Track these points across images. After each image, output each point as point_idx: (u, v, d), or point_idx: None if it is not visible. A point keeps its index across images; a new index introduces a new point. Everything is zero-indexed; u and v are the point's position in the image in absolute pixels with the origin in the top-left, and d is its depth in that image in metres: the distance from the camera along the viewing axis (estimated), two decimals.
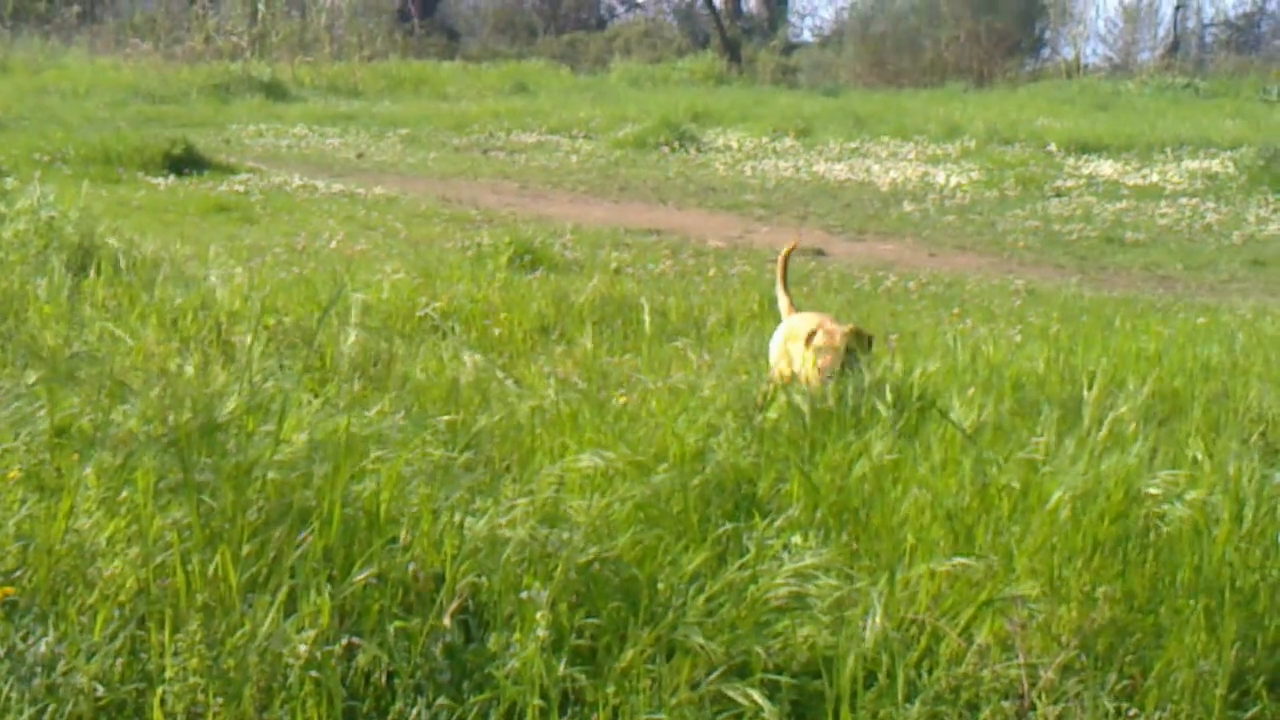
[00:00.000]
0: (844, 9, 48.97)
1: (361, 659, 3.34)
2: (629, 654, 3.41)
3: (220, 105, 27.39)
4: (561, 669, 3.35)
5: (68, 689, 3.21)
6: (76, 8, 39.83)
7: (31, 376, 4.92)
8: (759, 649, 3.48)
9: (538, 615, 3.41)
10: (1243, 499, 4.24)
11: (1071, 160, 22.30)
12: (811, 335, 5.65)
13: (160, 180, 16.42)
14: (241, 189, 16.15)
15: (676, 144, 23.80)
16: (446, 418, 4.94)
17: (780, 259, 6.63)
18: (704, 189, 19.17)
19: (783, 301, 6.41)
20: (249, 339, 6.02)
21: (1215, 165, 21.30)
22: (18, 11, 38.22)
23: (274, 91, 30.00)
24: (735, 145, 24.58)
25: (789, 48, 47.73)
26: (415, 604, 3.54)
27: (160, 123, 22.55)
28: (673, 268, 11.72)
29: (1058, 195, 18.95)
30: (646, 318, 7.90)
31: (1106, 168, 21.49)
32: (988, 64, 40.57)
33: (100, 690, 3.22)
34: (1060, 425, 5.06)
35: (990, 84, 38.13)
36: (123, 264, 8.04)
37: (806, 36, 51.33)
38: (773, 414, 5.30)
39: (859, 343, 5.68)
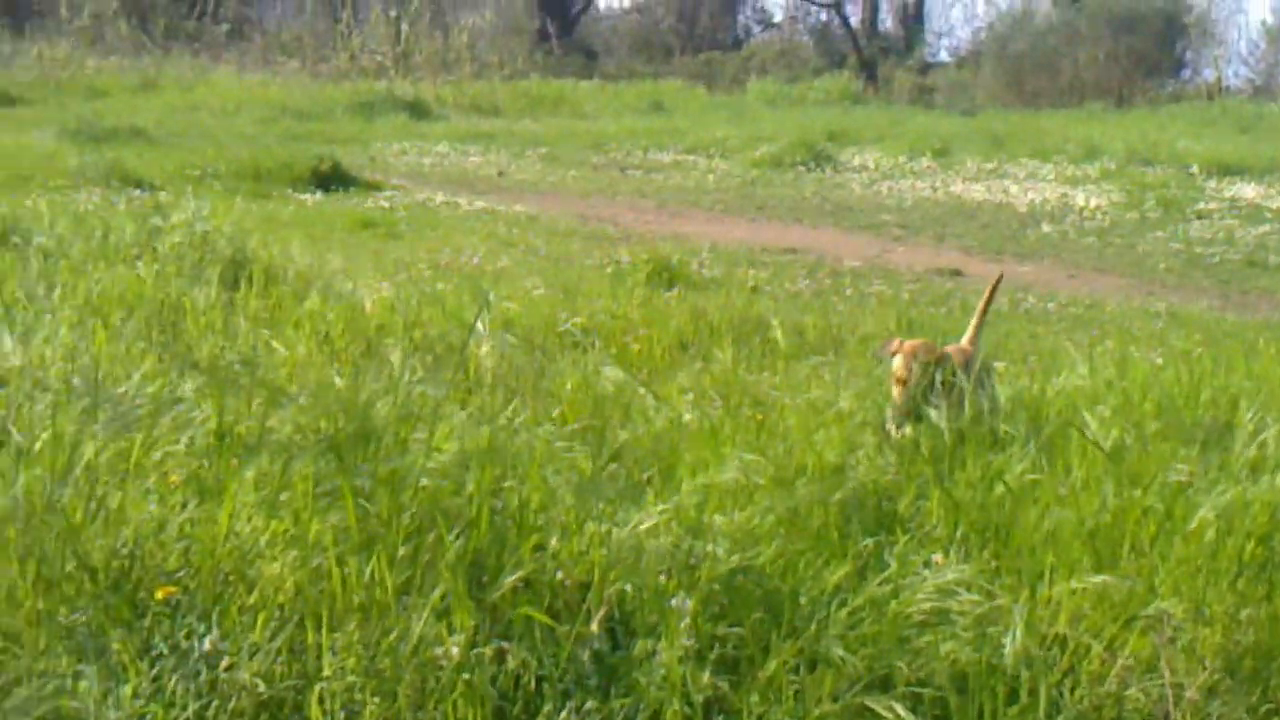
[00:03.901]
0: (981, 29, 48.63)
1: (511, 662, 3.41)
2: (771, 664, 3.45)
3: (365, 123, 27.75)
4: (705, 677, 3.40)
5: (231, 685, 3.31)
6: (225, 26, 40.74)
7: (190, 383, 5.08)
8: (901, 663, 3.50)
9: (682, 624, 3.47)
10: None
11: (1213, 183, 21.91)
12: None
13: (308, 196, 16.77)
14: (386, 205, 16.43)
15: (813, 164, 23.74)
16: (590, 430, 5.02)
17: (988, 288, 6.37)
18: (840, 208, 19.12)
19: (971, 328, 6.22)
20: (397, 351, 6.16)
21: None
22: (169, 31, 39.13)
23: (417, 110, 30.37)
24: (871, 165, 24.47)
25: (925, 67, 47.48)
26: (563, 610, 3.62)
27: (307, 140, 22.93)
28: (809, 286, 11.75)
29: (1199, 218, 18.62)
30: (779, 335, 7.94)
31: (1249, 190, 21.09)
32: (1127, 84, 40.06)
33: (261, 687, 3.32)
34: (1204, 448, 5.03)
35: (1130, 105, 37.62)
36: (275, 277, 8.24)
37: (943, 56, 51.02)
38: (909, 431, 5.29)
39: (922, 370, 5.36)
